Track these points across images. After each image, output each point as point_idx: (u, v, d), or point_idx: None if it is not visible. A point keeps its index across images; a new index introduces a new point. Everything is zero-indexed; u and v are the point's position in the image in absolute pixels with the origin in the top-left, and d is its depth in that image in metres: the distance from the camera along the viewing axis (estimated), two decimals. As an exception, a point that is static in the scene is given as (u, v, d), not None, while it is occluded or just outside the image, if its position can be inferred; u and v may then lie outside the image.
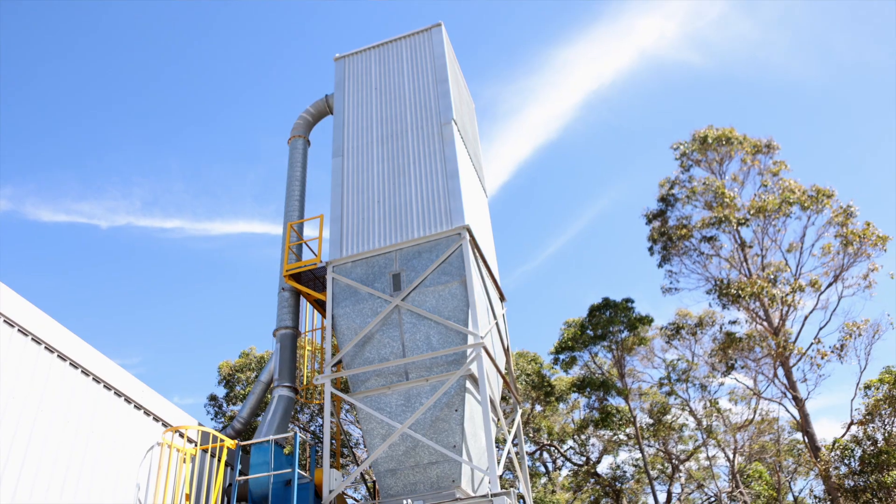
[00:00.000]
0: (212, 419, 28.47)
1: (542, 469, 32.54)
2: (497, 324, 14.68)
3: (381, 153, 15.23)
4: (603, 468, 32.73)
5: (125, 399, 10.94)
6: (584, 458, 30.94)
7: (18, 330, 9.23)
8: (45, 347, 9.62)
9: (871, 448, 24.41)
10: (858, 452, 25.06)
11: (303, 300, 15.56)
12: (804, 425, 26.52)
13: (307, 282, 15.05)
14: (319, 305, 15.55)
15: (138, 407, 11.18)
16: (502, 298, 15.89)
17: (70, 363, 9.98)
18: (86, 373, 10.25)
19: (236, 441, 12.85)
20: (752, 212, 28.61)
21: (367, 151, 15.40)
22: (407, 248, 13.62)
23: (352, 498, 14.13)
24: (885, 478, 22.65)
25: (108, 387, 10.63)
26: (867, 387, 25.77)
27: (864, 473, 23.79)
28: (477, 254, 13.93)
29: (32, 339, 9.43)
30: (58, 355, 9.79)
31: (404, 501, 11.32)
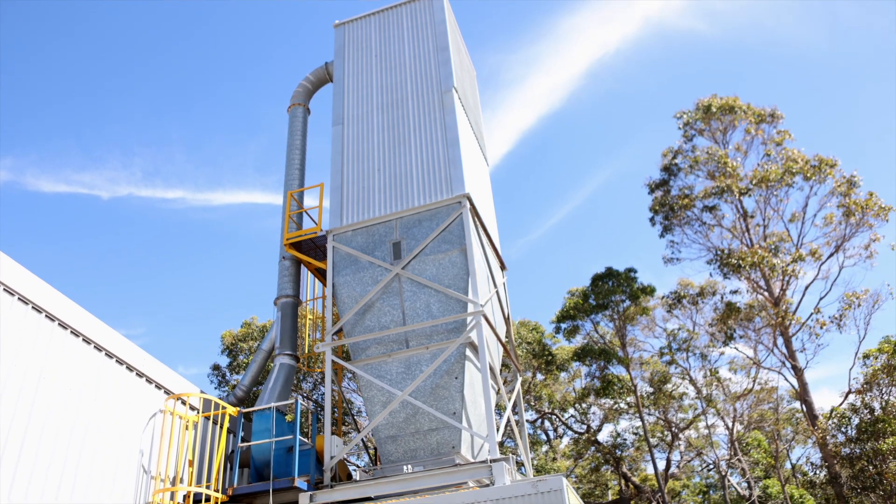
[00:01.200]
0: (215, 388, 28.74)
1: (544, 437, 32.89)
2: (497, 292, 14.70)
3: (382, 121, 15.12)
4: (603, 436, 33.06)
5: (127, 367, 11.01)
6: (584, 427, 31.24)
7: (19, 298, 9.26)
8: (46, 316, 9.65)
9: (868, 416, 24.59)
10: (855, 421, 25.27)
11: (304, 269, 15.58)
12: (802, 394, 26.69)
13: (308, 251, 15.05)
14: (320, 274, 15.57)
15: (140, 375, 11.25)
16: (503, 267, 15.89)
17: (71, 331, 10.02)
18: (87, 341, 10.29)
19: (238, 408, 12.95)
20: (754, 182, 28.48)
21: (368, 119, 15.28)
22: (407, 216, 13.59)
23: (353, 465, 14.30)
24: (880, 445, 22.85)
25: (109, 355, 10.69)
26: (866, 356, 25.88)
27: (861, 441, 24.00)
28: (477, 222, 13.89)
29: (33, 307, 9.46)
30: (59, 324, 9.83)
31: (404, 467, 11.44)
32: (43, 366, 9.41)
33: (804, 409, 27.16)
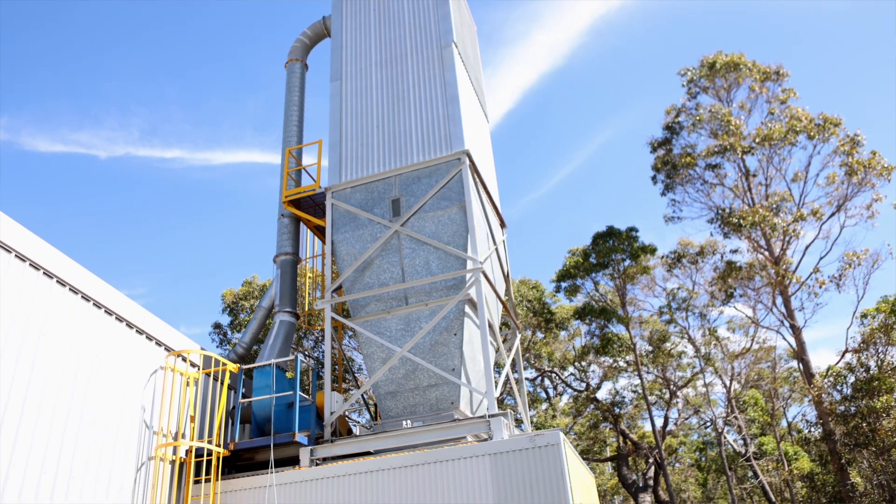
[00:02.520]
0: (217, 347, 28.95)
1: (543, 395, 33.22)
2: (497, 250, 14.67)
3: (380, 77, 14.90)
4: (602, 394, 33.38)
5: (127, 324, 11.04)
6: (584, 385, 31.53)
7: (16, 255, 9.22)
8: (44, 273, 9.63)
9: (864, 375, 24.79)
10: (851, 379, 25.49)
11: (303, 227, 15.53)
12: (800, 353, 26.86)
13: (307, 208, 14.98)
14: (319, 232, 15.53)
15: (140, 332, 11.28)
16: (503, 225, 15.83)
17: (70, 288, 10.01)
18: (86, 298, 10.29)
19: (238, 365, 13.04)
20: (757, 140, 28.22)
21: (366, 75, 15.06)
22: (406, 173, 13.48)
23: (354, 422, 14.46)
24: (875, 403, 23.08)
25: (109, 312, 10.70)
26: (864, 316, 25.99)
27: (856, 399, 24.24)
28: (477, 179, 13.79)
29: (31, 264, 9.43)
30: (57, 281, 9.81)
31: (404, 422, 11.56)
32: (42, 323, 9.43)
33: (801, 367, 27.36)
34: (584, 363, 30.88)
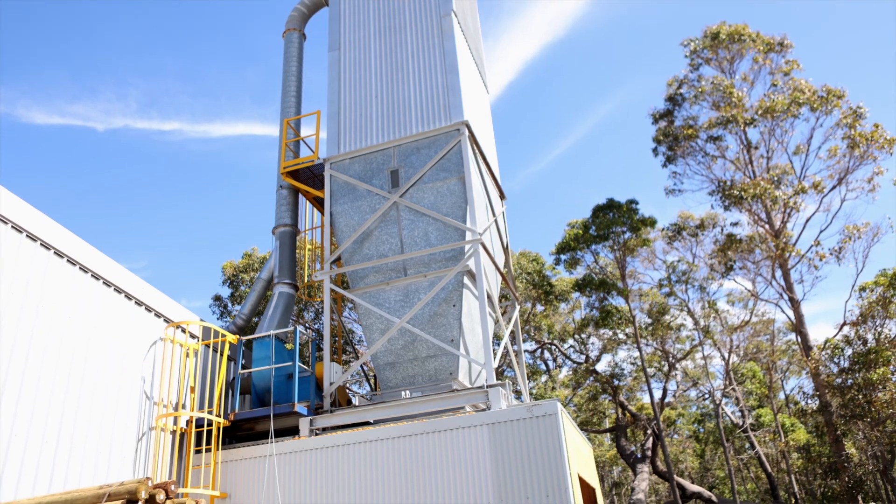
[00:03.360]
0: (217, 319, 29.04)
1: (543, 367, 33.40)
2: (496, 221, 14.63)
3: (379, 47, 14.73)
4: (602, 366, 33.60)
5: (126, 296, 11.03)
6: (583, 357, 31.68)
7: (13, 227, 9.19)
8: (42, 244, 9.60)
9: (862, 348, 24.90)
10: (849, 352, 25.62)
11: (302, 199, 15.47)
12: (798, 326, 26.94)
13: (305, 179, 14.91)
14: (318, 203, 15.47)
15: (139, 303, 11.29)
16: (502, 196, 15.76)
17: (67, 260, 9.99)
18: (84, 269, 10.27)
19: (238, 336, 13.07)
20: (760, 112, 28.01)
21: (365, 45, 14.89)
22: (405, 144, 13.39)
23: (354, 393, 14.55)
24: (871, 375, 23.21)
25: (107, 283, 10.69)
26: (862, 289, 26.03)
27: (852, 371, 24.38)
28: (476, 150, 13.70)
29: (27, 235, 9.39)
30: (54, 252, 9.79)
31: (403, 393, 11.62)
32: (41, 295, 9.42)
33: (799, 340, 27.46)
34: (583, 335, 30.99)
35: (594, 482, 13.03)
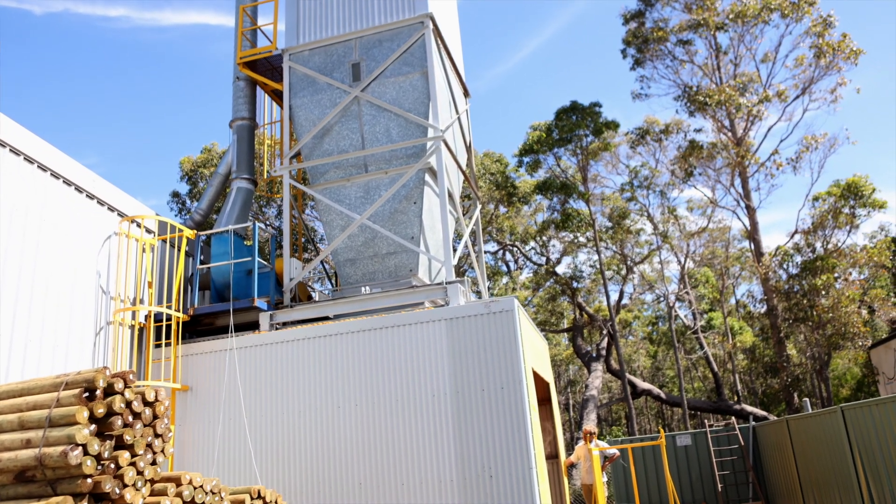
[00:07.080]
0: (176, 216, 28.55)
1: (504, 268, 33.89)
2: (459, 119, 14.39)
3: (340, -71, 13.89)
4: (562, 269, 34.22)
5: (76, 188, 10.68)
6: (544, 259, 32.18)
7: (-50, 108, 8.71)
8: (-17, 129, 9.15)
9: (810, 255, 25.75)
10: (798, 259, 26.51)
11: (260, 91, 14.95)
12: (752, 233, 27.64)
13: (263, 71, 14.35)
14: (277, 96, 14.98)
15: (91, 196, 10.95)
16: (466, 94, 15.45)
17: (10, 149, 9.56)
18: (29, 160, 9.86)
19: (195, 231, 12.88)
20: (731, 17, 27.61)
21: (325, -73, 14.01)
22: (367, 36, 12.89)
23: (315, 290, 14.60)
24: (815, 281, 24.12)
25: (55, 175, 10.30)
26: (815, 199, 26.65)
27: (800, 278, 25.31)
28: (440, 45, 13.28)
29: (-32, 118, 8.94)
30: (-2, 138, 9.35)
31: (363, 289, 11.70)
32: (-15, 181, 9.06)
33: (752, 247, 28.25)
34: (544, 238, 31.37)
35: (548, 377, 13.50)
